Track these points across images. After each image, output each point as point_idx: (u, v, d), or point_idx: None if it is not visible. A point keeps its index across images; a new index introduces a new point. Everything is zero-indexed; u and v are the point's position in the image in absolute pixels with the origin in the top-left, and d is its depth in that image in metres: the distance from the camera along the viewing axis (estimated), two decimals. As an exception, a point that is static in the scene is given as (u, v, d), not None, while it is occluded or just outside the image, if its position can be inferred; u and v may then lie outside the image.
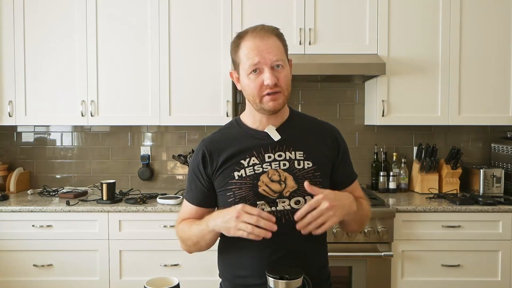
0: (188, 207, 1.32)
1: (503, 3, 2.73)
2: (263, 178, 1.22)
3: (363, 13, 2.73)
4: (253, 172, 1.22)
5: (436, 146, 2.88)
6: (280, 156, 1.24)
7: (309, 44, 2.71)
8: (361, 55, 2.69)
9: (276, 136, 1.25)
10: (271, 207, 1.20)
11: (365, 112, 3.08)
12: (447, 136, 3.11)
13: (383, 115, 2.74)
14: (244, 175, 1.23)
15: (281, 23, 2.74)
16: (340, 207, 1.10)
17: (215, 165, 1.26)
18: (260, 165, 1.23)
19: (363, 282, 2.43)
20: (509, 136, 2.96)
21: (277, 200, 1.20)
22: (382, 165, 3.00)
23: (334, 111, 3.10)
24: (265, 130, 1.26)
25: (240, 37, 1.22)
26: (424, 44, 2.72)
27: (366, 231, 2.39)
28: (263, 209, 1.20)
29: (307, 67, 2.60)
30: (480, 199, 2.53)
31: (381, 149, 3.06)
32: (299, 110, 3.01)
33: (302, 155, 1.24)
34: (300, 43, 2.70)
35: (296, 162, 1.23)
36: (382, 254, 2.39)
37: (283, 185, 1.21)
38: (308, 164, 1.24)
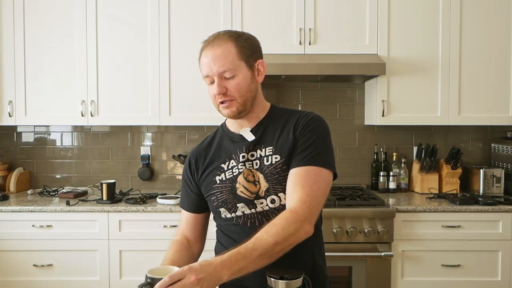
0: (184, 215, 1.37)
1: (503, 3, 2.72)
2: (240, 179, 1.22)
3: (363, 13, 2.73)
4: (232, 175, 1.24)
5: (436, 146, 2.88)
6: (252, 155, 1.24)
7: (309, 44, 2.71)
8: (361, 55, 2.69)
9: (250, 137, 1.25)
10: (250, 209, 1.21)
11: (365, 112, 3.08)
12: (447, 136, 3.11)
13: (383, 115, 2.74)
14: (224, 178, 1.24)
15: (281, 23, 2.78)
16: (207, 279, 0.93)
17: (200, 171, 1.30)
18: (236, 167, 1.24)
19: (363, 282, 2.42)
20: (509, 136, 2.96)
21: (254, 201, 1.20)
22: (382, 165, 3.00)
23: (334, 111, 3.10)
24: (240, 132, 1.28)
25: (202, 46, 1.24)
26: (424, 44, 2.72)
27: (366, 231, 2.39)
28: (243, 212, 1.21)
29: (307, 67, 2.60)
30: (480, 199, 2.53)
31: (381, 149, 3.06)
32: (299, 110, 3.05)
33: (271, 150, 1.22)
34: (300, 43, 2.70)
35: (265, 159, 1.22)
36: (382, 254, 2.39)
37: (258, 185, 1.21)
38: (276, 158, 1.20)
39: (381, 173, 2.93)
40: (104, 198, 2.62)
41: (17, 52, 2.77)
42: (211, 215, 1.35)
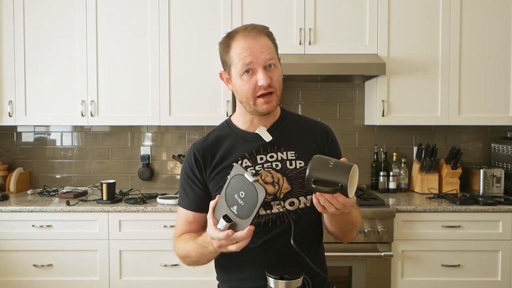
0: (184, 216, 1.27)
1: (503, 3, 2.73)
2: None
3: (363, 13, 2.73)
4: None
5: (436, 146, 2.88)
6: (272, 157, 1.22)
7: (309, 44, 2.71)
8: (361, 55, 2.69)
9: (267, 137, 1.22)
10: (266, 210, 1.18)
11: (365, 112, 3.08)
12: (447, 136, 3.11)
13: (383, 115, 2.74)
14: None
15: (281, 23, 2.78)
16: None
17: (208, 168, 1.24)
18: (253, 167, 1.20)
19: (363, 282, 2.43)
20: (509, 136, 2.96)
21: (271, 202, 1.18)
22: (382, 165, 3.00)
23: (334, 111, 3.10)
24: (256, 131, 1.24)
25: (230, 37, 1.20)
26: (424, 44, 2.72)
27: (366, 231, 2.39)
28: (258, 213, 1.19)
29: (307, 67, 2.60)
30: (480, 199, 2.53)
31: (381, 149, 3.06)
32: (299, 111, 3.06)
33: (293, 155, 1.22)
34: (300, 43, 2.70)
35: (288, 162, 1.21)
36: (382, 254, 2.39)
37: (276, 187, 1.19)
38: (300, 163, 1.21)
39: (381, 173, 2.93)
40: (104, 198, 2.62)
41: (17, 52, 2.77)
42: None
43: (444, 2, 2.72)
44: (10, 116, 2.79)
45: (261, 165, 1.20)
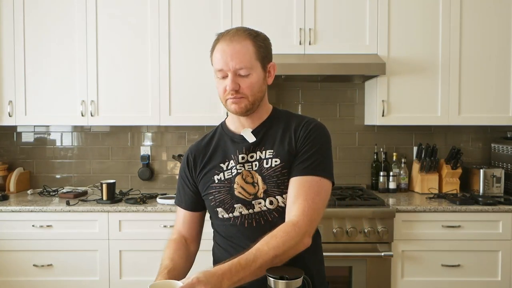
0: (180, 214, 1.35)
1: (503, 3, 2.72)
2: (238, 180, 1.22)
3: (363, 13, 2.73)
4: (230, 175, 1.24)
5: (436, 146, 2.88)
6: (252, 157, 1.24)
7: (309, 44, 2.71)
8: (361, 55, 2.69)
9: (251, 138, 1.25)
10: (248, 210, 1.21)
11: (365, 112, 3.08)
12: (447, 136, 3.11)
13: (383, 115, 2.74)
14: (223, 178, 1.24)
15: (281, 23, 2.78)
16: None
17: (198, 169, 1.29)
18: (235, 167, 1.24)
19: (363, 282, 2.42)
20: (509, 136, 2.96)
21: (252, 202, 1.21)
22: (382, 165, 3.00)
23: (334, 111, 3.10)
24: (241, 133, 1.27)
25: (216, 38, 1.22)
26: (424, 44, 2.72)
27: (366, 231, 2.39)
28: (241, 213, 1.21)
29: (307, 67, 2.60)
30: (480, 199, 2.53)
31: (381, 149, 3.06)
32: (299, 111, 3.06)
33: (271, 153, 1.23)
34: (300, 43, 2.70)
35: (265, 161, 1.22)
36: (382, 254, 2.39)
37: (256, 187, 1.21)
38: (276, 161, 1.21)
39: (381, 173, 2.93)
40: (104, 198, 2.62)
41: (17, 52, 2.77)
42: (207, 215, 1.34)
43: (444, 2, 2.72)
44: (10, 116, 2.79)
45: (241, 165, 1.23)
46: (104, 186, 2.61)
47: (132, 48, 2.76)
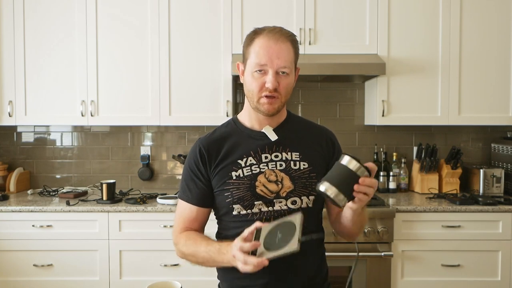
0: (187, 210, 1.28)
1: (503, 3, 2.73)
2: (261, 178, 1.22)
3: (363, 13, 2.73)
4: (250, 173, 1.23)
5: (436, 146, 2.88)
6: (276, 156, 1.25)
7: (309, 44, 2.71)
8: (361, 55, 2.69)
9: (273, 136, 1.26)
10: (268, 207, 1.21)
11: (365, 112, 3.08)
12: (447, 136, 3.11)
13: (383, 115, 2.74)
14: (241, 175, 1.23)
15: (281, 23, 2.74)
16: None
17: (213, 164, 1.25)
18: (257, 165, 1.23)
19: (363, 282, 2.43)
20: (509, 136, 2.96)
21: (274, 200, 1.21)
22: (382, 165, 3.00)
23: (334, 111, 3.10)
24: (262, 130, 1.27)
25: (256, 32, 1.22)
26: (424, 44, 2.72)
27: (366, 231, 2.39)
28: (260, 209, 1.21)
29: (307, 67, 2.60)
30: (480, 199, 2.53)
31: (381, 149, 3.06)
32: (299, 110, 3.06)
33: (298, 156, 1.26)
34: (300, 43, 2.70)
35: (292, 162, 1.24)
36: (382, 254, 2.39)
37: (279, 185, 1.22)
38: (304, 165, 1.25)
39: (381, 173, 2.93)
40: (104, 198, 2.62)
41: (17, 52, 2.77)
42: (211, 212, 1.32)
43: (444, 2, 2.72)
44: (10, 116, 2.79)
45: (265, 164, 1.24)
46: (104, 186, 2.61)
47: (132, 48, 2.76)
